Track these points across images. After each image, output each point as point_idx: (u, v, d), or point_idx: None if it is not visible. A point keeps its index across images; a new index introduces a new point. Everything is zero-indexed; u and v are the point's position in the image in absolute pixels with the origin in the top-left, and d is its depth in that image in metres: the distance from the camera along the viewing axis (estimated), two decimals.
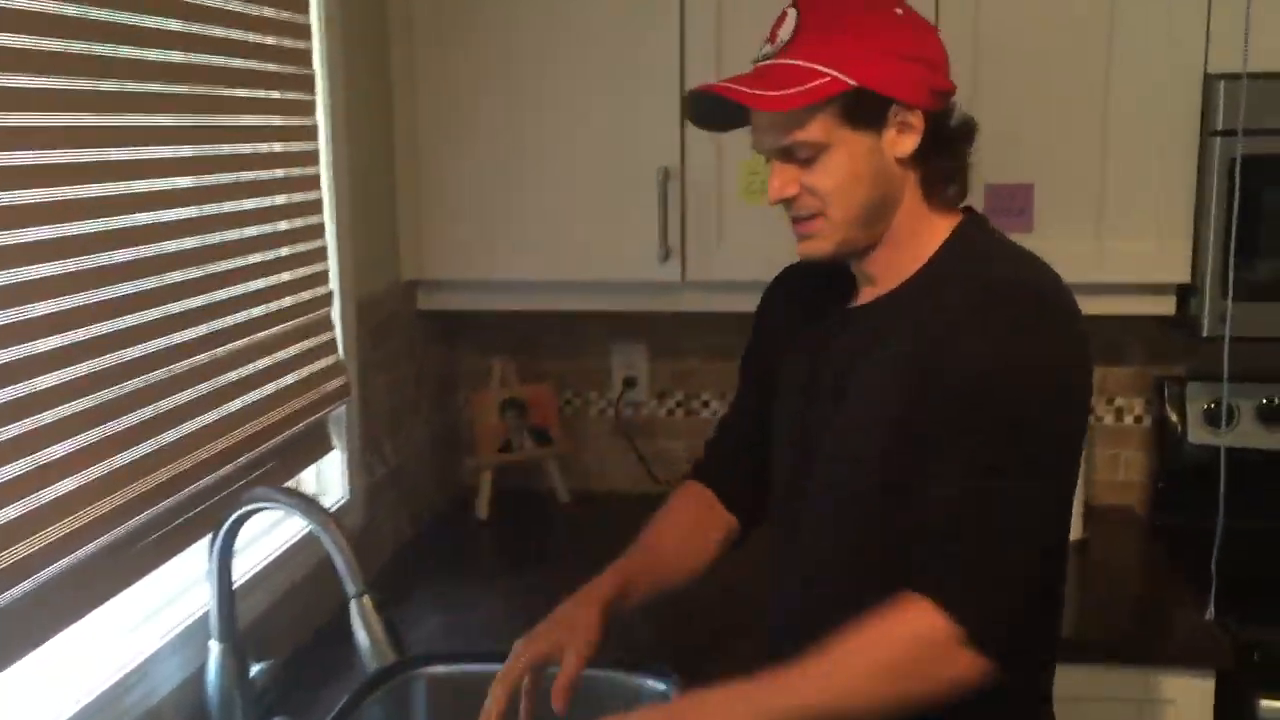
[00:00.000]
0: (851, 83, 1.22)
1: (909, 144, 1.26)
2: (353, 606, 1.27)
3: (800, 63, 1.23)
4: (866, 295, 1.34)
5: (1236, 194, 1.86)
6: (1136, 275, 1.99)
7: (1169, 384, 2.24)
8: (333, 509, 1.90)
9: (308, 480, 1.90)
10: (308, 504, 1.38)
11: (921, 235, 1.30)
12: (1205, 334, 1.93)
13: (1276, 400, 2.16)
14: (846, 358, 1.31)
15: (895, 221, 1.29)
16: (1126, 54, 1.94)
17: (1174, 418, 2.23)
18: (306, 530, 1.72)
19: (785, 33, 1.26)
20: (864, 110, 1.24)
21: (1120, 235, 1.99)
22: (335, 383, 1.83)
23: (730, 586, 1.56)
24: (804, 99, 1.22)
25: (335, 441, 1.91)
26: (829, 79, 1.21)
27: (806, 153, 1.24)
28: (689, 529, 1.48)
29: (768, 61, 1.26)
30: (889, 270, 1.31)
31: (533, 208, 2.12)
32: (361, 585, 1.26)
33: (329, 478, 1.92)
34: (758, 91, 1.22)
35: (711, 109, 1.29)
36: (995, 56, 1.97)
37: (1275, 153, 1.88)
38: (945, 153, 1.30)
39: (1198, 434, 2.20)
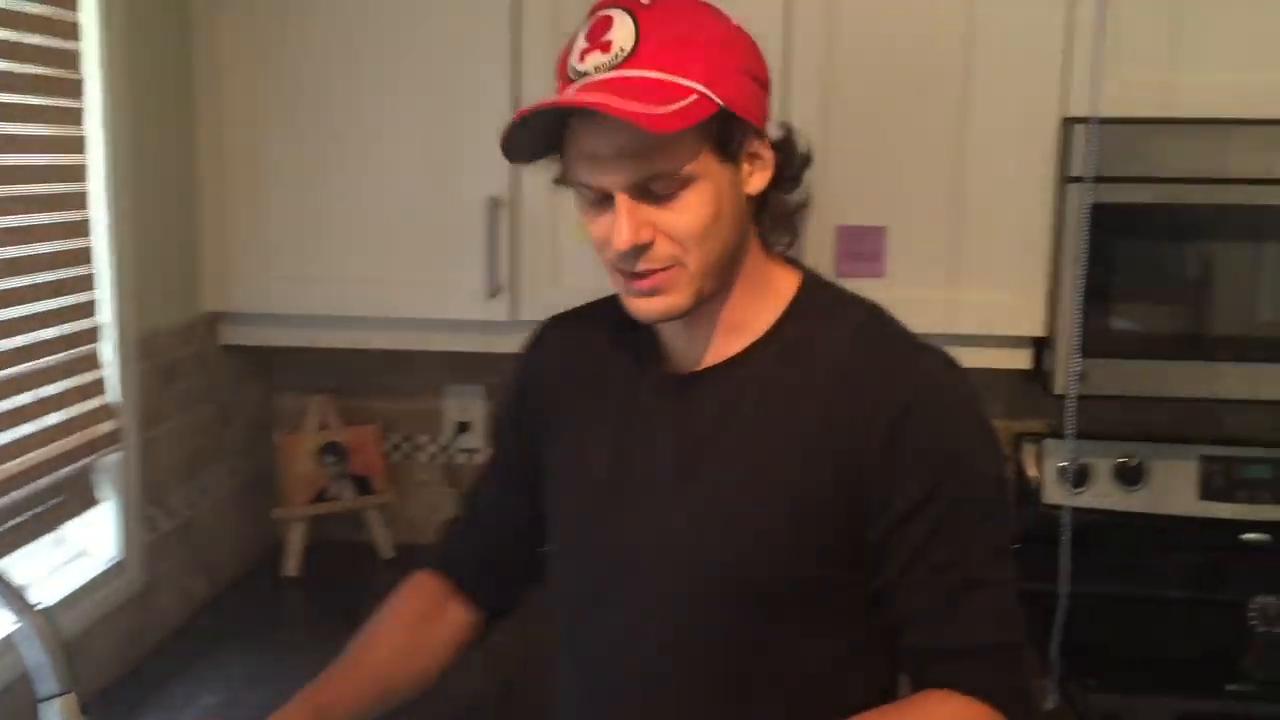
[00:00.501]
0: (719, 103, 1.04)
1: (761, 180, 1.12)
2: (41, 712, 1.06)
3: (658, 75, 1.03)
4: (702, 357, 1.16)
5: (1087, 244, 1.77)
6: (991, 327, 1.88)
7: (1025, 442, 2.14)
8: (103, 569, 1.68)
9: (74, 536, 1.68)
10: None
11: (766, 290, 1.16)
12: (1057, 391, 1.83)
13: (1135, 460, 2.07)
14: (691, 433, 1.14)
15: (740, 272, 1.13)
16: (982, 95, 1.84)
17: (1030, 476, 2.13)
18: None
19: (623, 39, 1.04)
20: (729, 137, 1.07)
21: (975, 285, 1.88)
22: (103, 427, 1.62)
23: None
24: (684, 119, 1.02)
25: (107, 493, 1.69)
26: (697, 96, 1.02)
27: (668, 188, 1.05)
28: (410, 630, 1.28)
29: (608, 75, 1.04)
30: (732, 330, 1.15)
31: (351, 237, 1.94)
32: (63, 684, 1.05)
33: (98, 533, 1.70)
34: (637, 108, 1.00)
35: (520, 135, 1.08)
36: (847, 93, 1.85)
37: (1129, 202, 1.80)
38: (787, 193, 1.16)
39: (1053, 494, 2.10)
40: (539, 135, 1.08)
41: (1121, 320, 1.84)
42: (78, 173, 1.58)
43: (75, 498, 1.61)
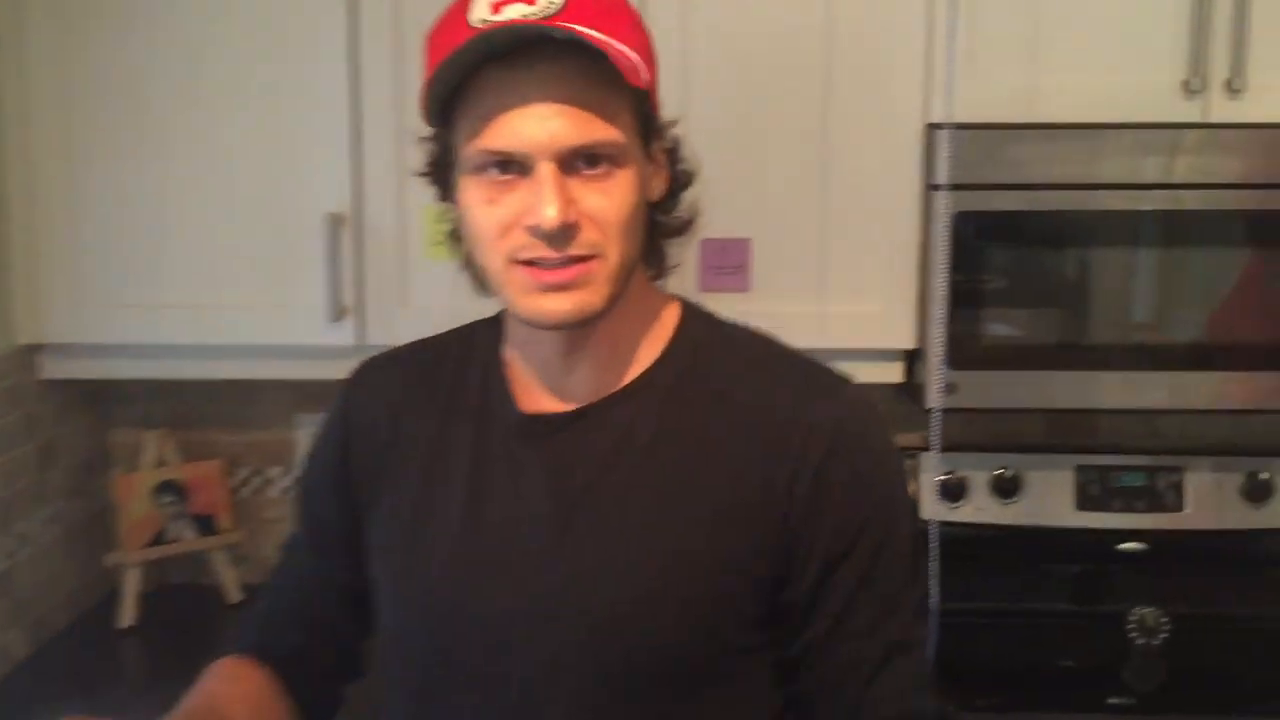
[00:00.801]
0: (645, 78, 0.95)
1: (659, 187, 1.02)
2: None
3: (594, 33, 0.90)
4: (578, 393, 1.03)
5: (950, 254, 1.72)
6: (860, 340, 1.81)
7: (902, 456, 2.08)
8: None
9: None
10: None
11: (649, 318, 1.05)
12: (928, 405, 1.77)
13: (1010, 471, 2.03)
14: (568, 481, 1.00)
15: (626, 294, 0.99)
16: (844, 102, 1.77)
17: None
18: None
19: None
20: (650, 124, 0.99)
21: (843, 297, 1.81)
22: None
23: None
24: (640, 78, 0.93)
25: None
26: (632, 63, 0.92)
27: (598, 165, 0.93)
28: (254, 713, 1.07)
29: (540, 20, 0.91)
30: (613, 362, 1.03)
31: (181, 259, 1.80)
32: None
33: None
34: (603, 36, 0.90)
35: (440, 80, 0.93)
36: (707, 98, 1.76)
37: (997, 209, 1.75)
38: (668, 212, 1.05)
39: (931, 509, 2.04)
40: (436, 96, 0.94)
41: (993, 331, 1.79)
42: None
43: None
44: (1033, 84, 1.75)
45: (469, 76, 0.92)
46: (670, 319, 1.06)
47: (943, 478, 2.03)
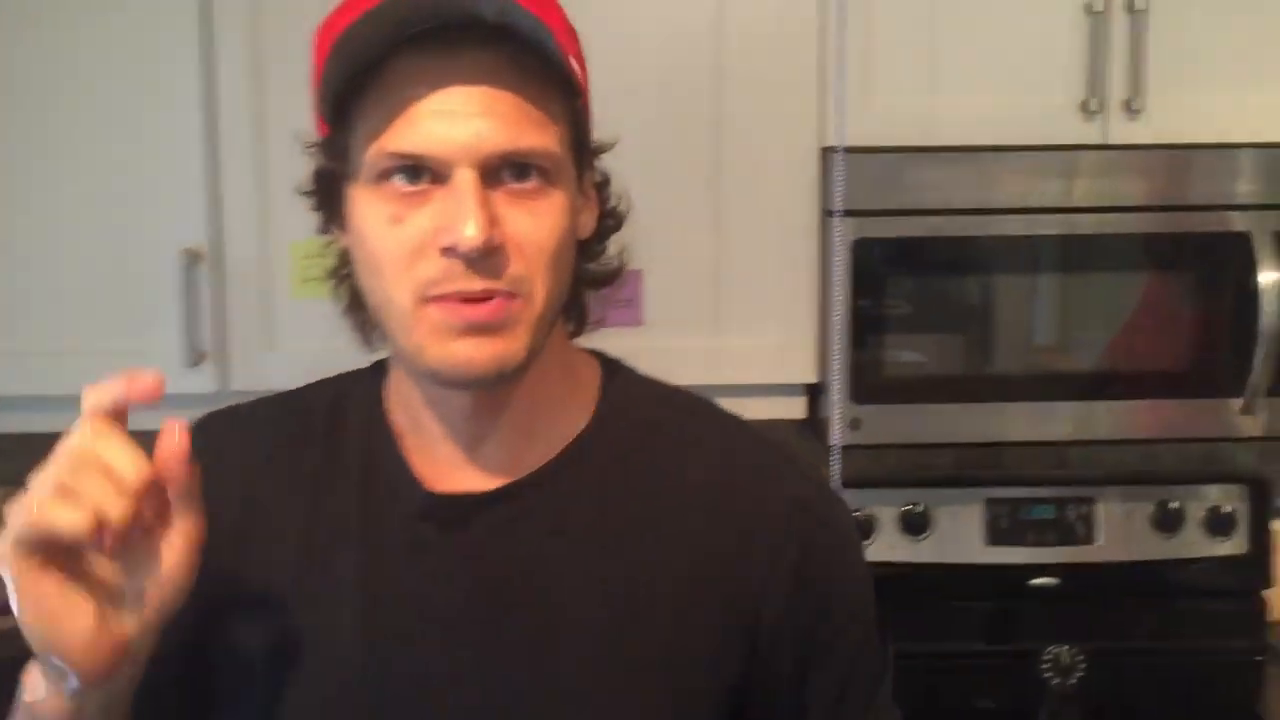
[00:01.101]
0: (582, 84, 0.83)
1: (589, 223, 0.88)
2: None
3: (533, 16, 0.76)
4: (491, 470, 0.86)
5: (850, 283, 1.65)
6: (759, 375, 1.73)
7: None
8: None
9: None
10: None
11: (571, 379, 0.90)
12: (832, 441, 1.69)
13: (919, 507, 1.95)
14: (492, 577, 0.84)
15: (547, 349, 0.84)
16: (737, 127, 1.68)
17: None
18: None
19: None
20: (584, 143, 0.86)
21: (740, 330, 1.72)
22: None
23: None
24: (579, 75, 0.81)
25: None
26: (569, 65, 0.79)
27: (528, 181, 0.78)
28: None
29: None
30: (530, 432, 0.86)
31: (23, 303, 1.65)
32: None
33: None
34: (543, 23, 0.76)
35: (335, 67, 0.77)
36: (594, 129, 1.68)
37: (897, 235, 1.68)
38: (594, 258, 0.91)
39: None
40: (332, 83, 0.77)
41: (896, 362, 1.72)
42: None
43: None
44: (930, 106, 1.69)
45: (376, 64, 0.76)
46: (590, 378, 0.91)
47: (856, 515, 1.94)
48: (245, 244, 1.64)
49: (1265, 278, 1.64)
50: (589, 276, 0.90)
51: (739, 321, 1.72)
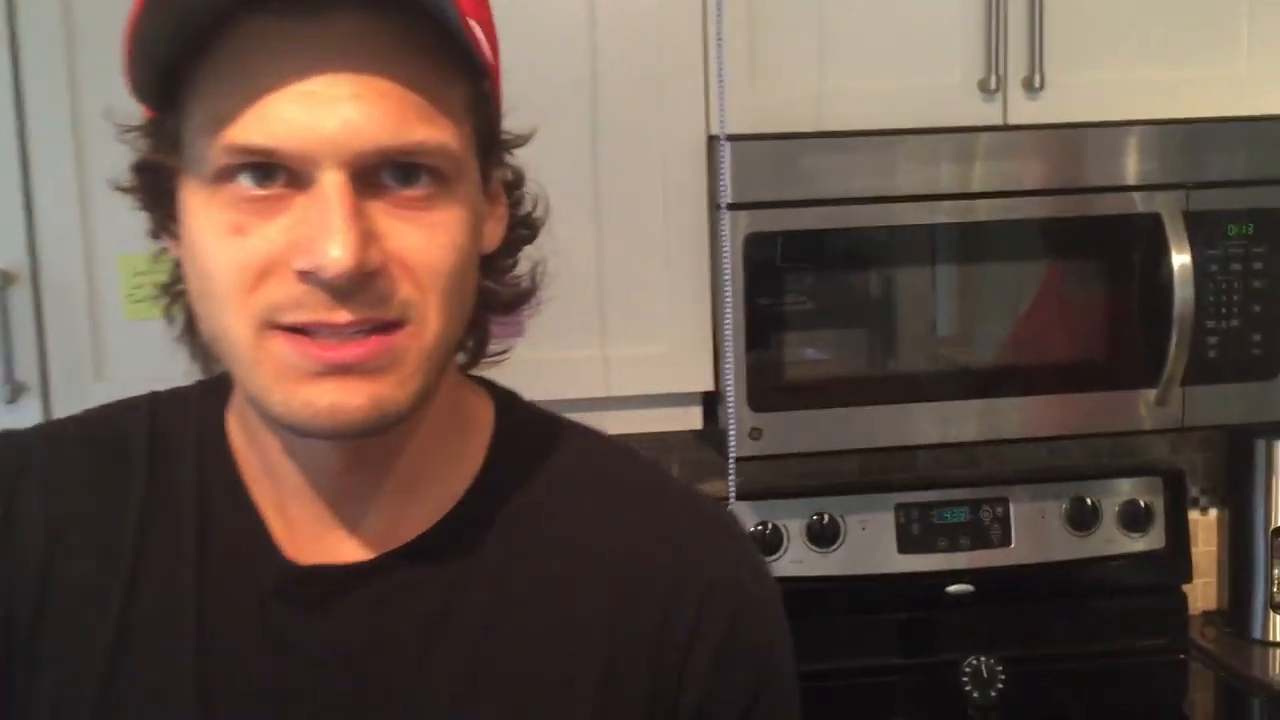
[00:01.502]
0: (491, 61, 0.67)
1: (495, 235, 0.71)
2: None
3: None
4: (366, 536, 0.70)
5: (744, 282, 1.52)
6: (650, 385, 1.59)
7: None
8: None
9: None
10: None
11: (463, 423, 0.74)
12: (730, 453, 1.56)
13: (827, 517, 1.84)
14: (364, 672, 0.68)
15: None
16: (615, 113, 1.55)
17: None
18: None
19: None
20: (492, 138, 0.70)
21: (628, 339, 1.58)
22: None
23: None
24: (486, 53, 0.65)
25: None
26: (473, 37, 0.63)
27: (421, 182, 0.62)
28: None
29: None
30: (414, 488, 0.70)
31: None
32: None
33: None
34: None
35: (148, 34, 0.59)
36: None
37: (787, 228, 1.56)
38: (508, 270, 0.76)
39: None
40: (149, 49, 0.60)
41: (797, 367, 1.60)
42: None
43: None
44: (821, 90, 1.58)
45: (215, 25, 0.59)
46: (482, 418, 0.74)
47: (755, 529, 1.82)
48: (66, 260, 1.45)
49: (1176, 260, 1.56)
50: (495, 300, 0.74)
51: (627, 328, 1.58)
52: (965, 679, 1.74)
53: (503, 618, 0.69)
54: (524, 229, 0.76)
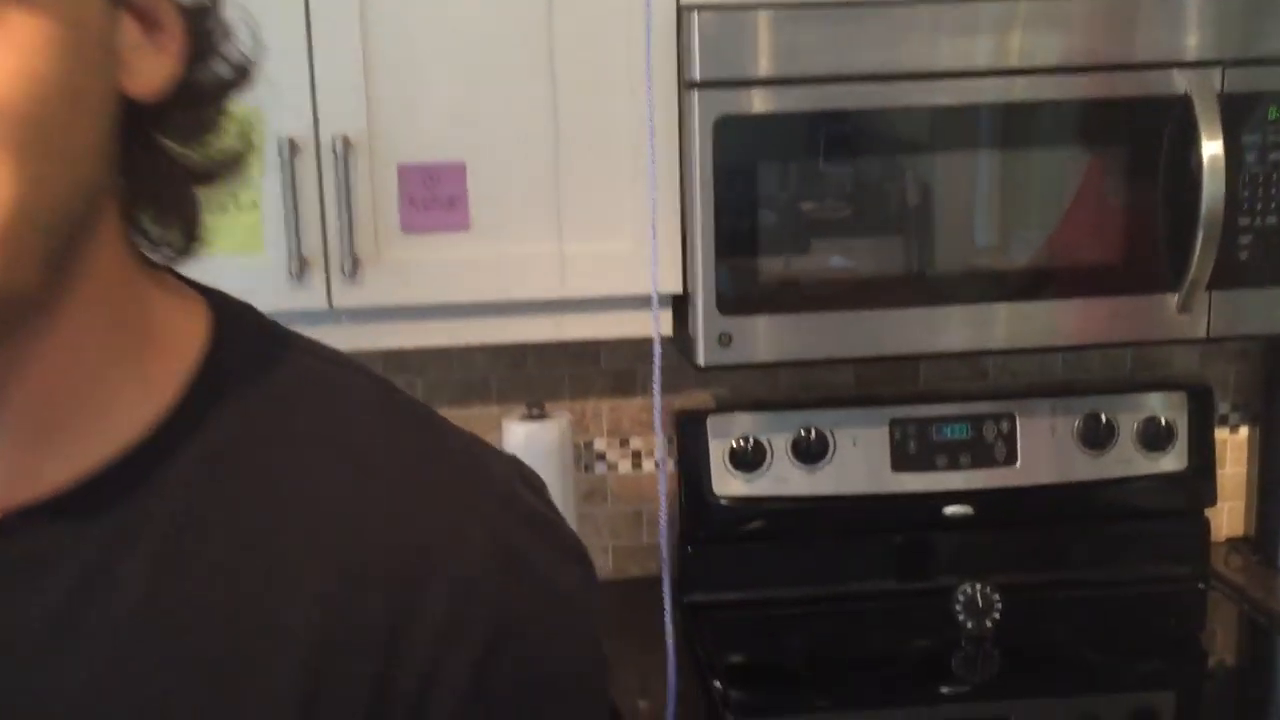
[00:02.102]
0: None
1: (157, 74, 0.53)
2: None
3: None
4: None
5: (716, 170, 1.36)
6: (612, 286, 1.44)
7: (685, 420, 1.73)
8: None
9: None
10: None
11: (143, 339, 0.55)
12: (699, 361, 1.42)
13: (815, 432, 1.69)
14: None
15: (82, 291, 0.52)
16: None
17: (695, 464, 1.72)
18: None
19: None
20: None
21: (588, 233, 1.43)
22: None
23: None
24: None
25: None
26: None
27: None
28: None
29: None
30: (52, 421, 0.53)
31: None
32: None
33: None
34: None
35: None
36: None
37: (768, 111, 1.39)
38: (192, 126, 0.56)
39: (724, 482, 1.70)
40: None
41: (775, 265, 1.44)
42: None
43: None
44: None
45: None
46: (188, 337, 0.57)
47: (733, 444, 1.69)
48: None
49: (1207, 149, 1.37)
50: (182, 165, 0.56)
51: (586, 223, 1.43)
52: (958, 607, 1.61)
53: (173, 604, 0.52)
54: (219, 71, 0.57)
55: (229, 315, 0.59)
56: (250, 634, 0.52)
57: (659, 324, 1.42)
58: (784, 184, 1.42)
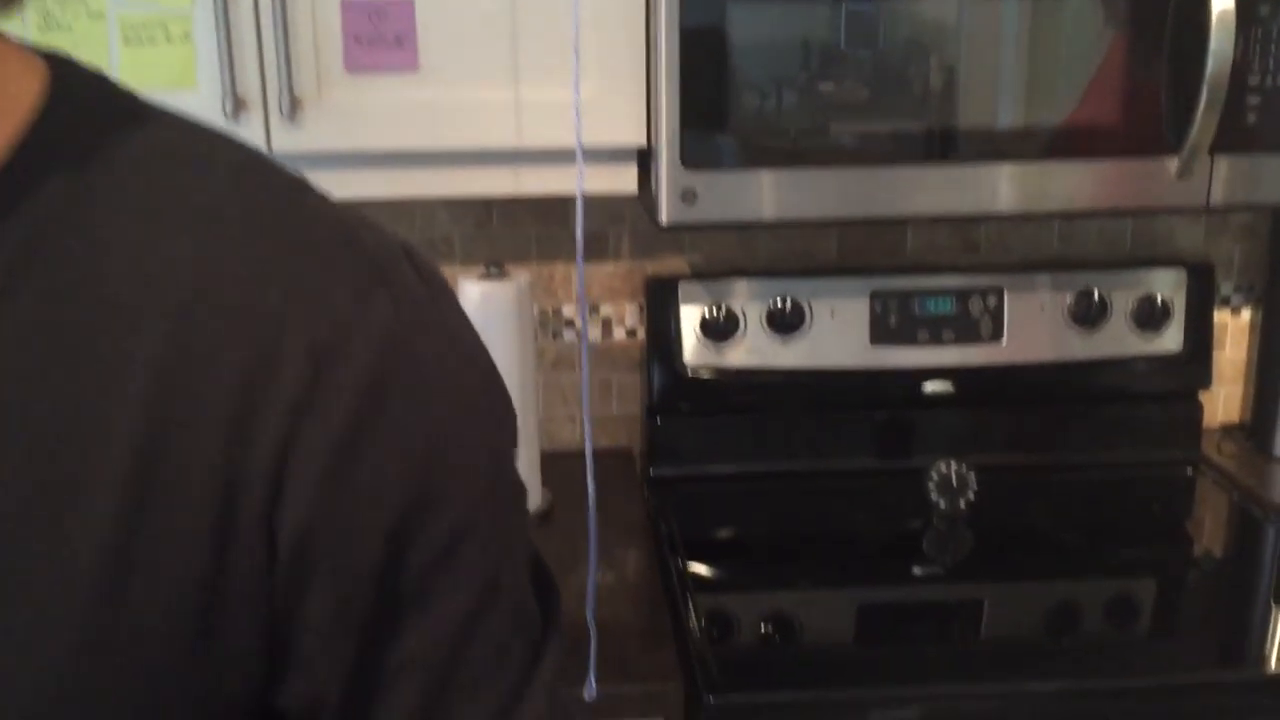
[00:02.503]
0: None
1: None
2: None
3: None
4: None
5: (680, 8, 1.26)
6: (570, 138, 1.35)
7: (655, 286, 1.65)
8: None
9: None
10: None
11: None
12: (662, 219, 1.33)
13: (790, 301, 1.62)
14: None
15: None
16: None
17: (666, 330, 1.65)
18: None
19: None
20: None
21: (546, 77, 1.34)
22: None
23: None
24: None
25: None
26: None
27: None
28: None
29: None
30: None
31: None
32: None
33: None
34: None
35: None
36: None
37: None
38: None
39: (696, 352, 1.63)
40: None
41: (744, 114, 1.34)
42: None
43: None
44: None
45: None
46: (18, 97, 0.49)
47: (705, 313, 1.61)
48: None
49: (1217, 4, 1.26)
50: None
51: (544, 66, 1.33)
52: (932, 485, 1.54)
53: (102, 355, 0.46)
54: None
55: (73, 79, 0.51)
56: (71, 417, 0.46)
57: (583, 179, 1.31)
58: (758, 23, 1.31)
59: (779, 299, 1.61)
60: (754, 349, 1.63)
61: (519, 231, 1.69)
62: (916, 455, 1.64)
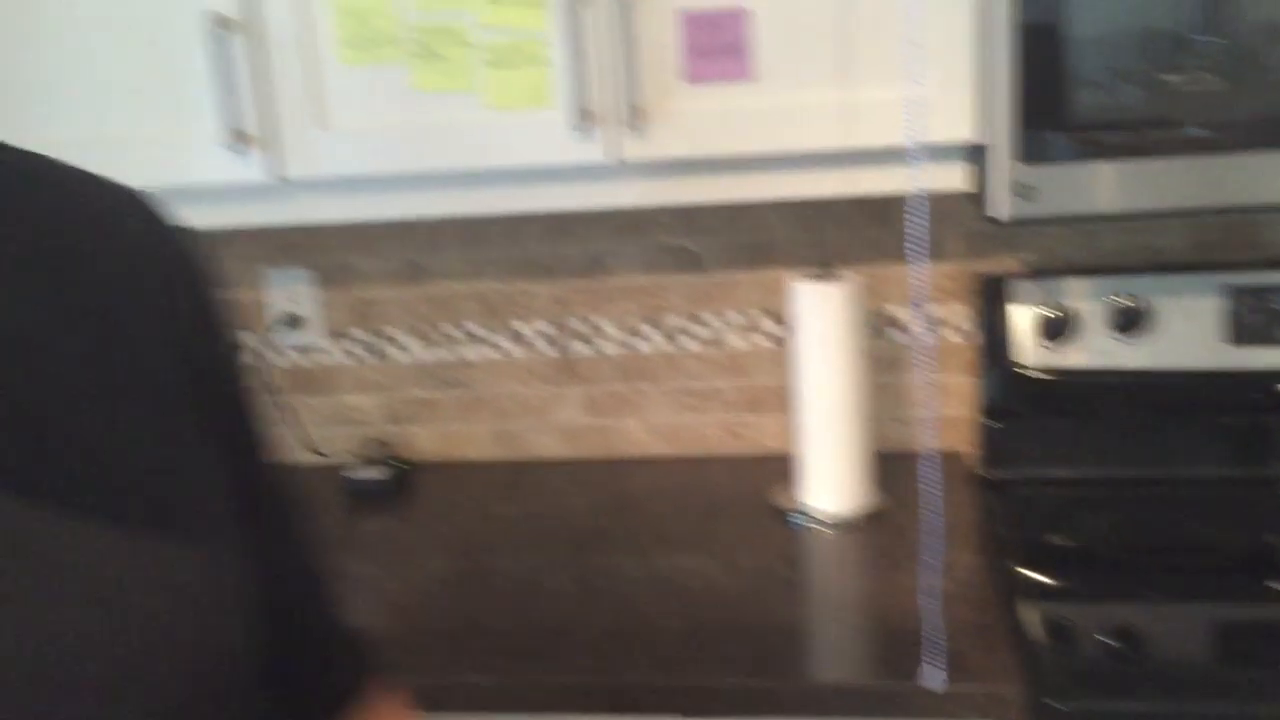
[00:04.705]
0: None
1: None
2: None
3: None
4: None
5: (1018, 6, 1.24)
6: (897, 136, 1.35)
7: (987, 285, 1.62)
8: None
9: None
10: None
11: None
12: (994, 214, 1.31)
13: (1135, 299, 1.54)
14: None
15: None
16: None
17: (998, 330, 1.61)
18: None
19: None
20: None
21: (876, 79, 1.35)
22: None
23: None
24: None
25: None
26: None
27: None
28: None
29: None
30: None
31: (43, 88, 1.49)
32: None
33: None
34: None
35: None
36: None
37: None
38: None
39: (1030, 352, 1.59)
40: None
41: (1087, 106, 1.30)
42: None
43: None
44: None
45: None
46: None
47: (1040, 312, 1.56)
48: (283, 6, 1.40)
49: None
50: None
51: (874, 67, 1.34)
52: None
53: None
54: None
55: None
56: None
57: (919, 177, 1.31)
58: (1098, 14, 1.27)
59: (1121, 296, 1.54)
60: (1094, 349, 1.57)
61: (845, 233, 1.70)
62: (1274, 463, 1.53)
